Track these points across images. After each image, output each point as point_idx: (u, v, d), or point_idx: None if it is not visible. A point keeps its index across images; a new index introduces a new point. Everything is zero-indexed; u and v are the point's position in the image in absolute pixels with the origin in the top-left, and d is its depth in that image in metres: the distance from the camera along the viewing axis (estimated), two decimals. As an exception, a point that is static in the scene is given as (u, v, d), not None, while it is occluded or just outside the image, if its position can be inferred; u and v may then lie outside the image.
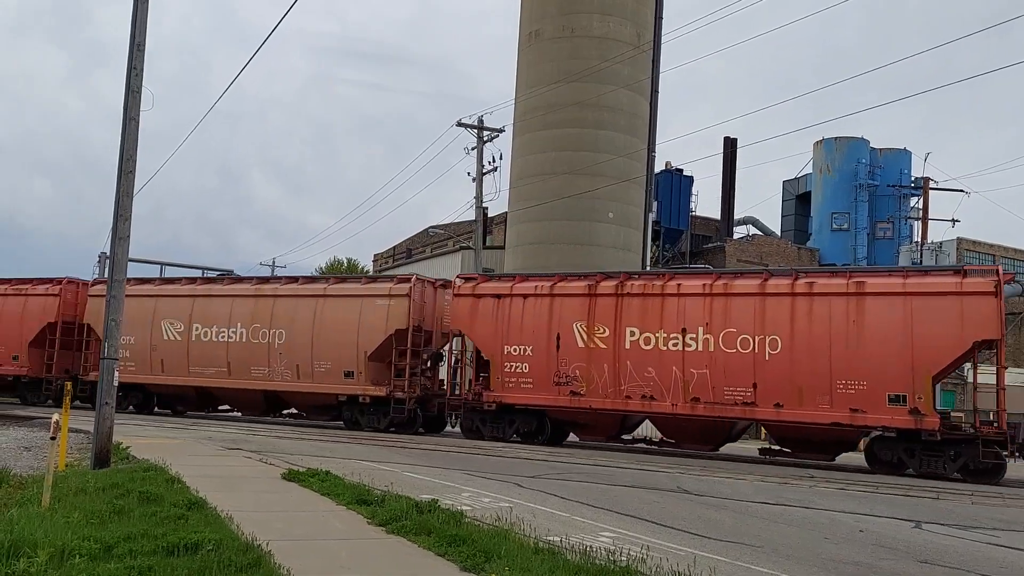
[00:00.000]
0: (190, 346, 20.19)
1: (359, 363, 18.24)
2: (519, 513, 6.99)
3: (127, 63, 10.21)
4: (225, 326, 19.83)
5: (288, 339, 19.04)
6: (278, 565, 4.80)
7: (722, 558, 5.90)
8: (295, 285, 20.04)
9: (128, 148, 10.11)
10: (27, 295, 22.91)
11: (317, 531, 6.32)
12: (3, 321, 23.12)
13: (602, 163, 30.41)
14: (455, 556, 5.37)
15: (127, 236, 10.11)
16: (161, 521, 5.95)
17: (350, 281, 20.31)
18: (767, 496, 9.75)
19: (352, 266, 57.59)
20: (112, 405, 9.78)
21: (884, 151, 47.73)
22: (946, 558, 6.58)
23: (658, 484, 10.38)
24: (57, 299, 22.51)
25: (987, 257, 44.11)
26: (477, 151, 28.58)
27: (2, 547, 4.87)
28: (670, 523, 7.38)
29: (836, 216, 46.08)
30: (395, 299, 18.17)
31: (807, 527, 7.71)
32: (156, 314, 20.79)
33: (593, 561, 5.18)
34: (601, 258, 29.03)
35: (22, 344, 22.55)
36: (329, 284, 19.74)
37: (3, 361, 22.98)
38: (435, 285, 19.10)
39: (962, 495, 11.17)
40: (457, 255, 36.92)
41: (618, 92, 31.07)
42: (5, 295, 23.42)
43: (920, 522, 8.34)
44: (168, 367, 20.51)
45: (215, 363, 19.87)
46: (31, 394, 22.90)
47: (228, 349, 19.72)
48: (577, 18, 31.71)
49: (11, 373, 22.83)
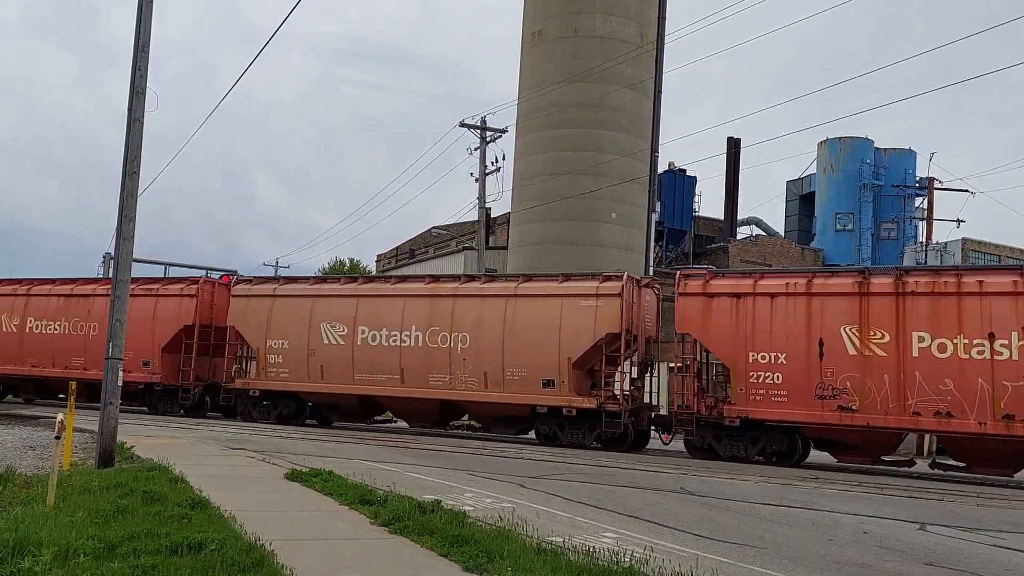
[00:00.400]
0: (355, 351, 18.13)
1: (561, 371, 16.15)
2: (522, 514, 6.98)
3: (132, 64, 10.25)
4: (396, 329, 17.81)
5: (473, 344, 17.03)
6: (281, 565, 4.81)
7: (725, 559, 5.88)
8: (477, 284, 18.13)
9: (133, 149, 10.14)
10: (158, 295, 20.96)
11: (320, 531, 6.33)
12: (132, 324, 21.69)
13: (605, 163, 30.39)
14: (458, 556, 5.37)
15: (132, 236, 10.15)
16: (165, 520, 5.96)
17: (542, 279, 18.10)
18: (771, 497, 9.73)
19: (355, 266, 57.65)
20: (116, 405, 9.81)
21: (888, 151, 47.60)
22: (951, 560, 6.55)
23: (661, 485, 10.37)
24: (194, 300, 20.48)
25: (992, 258, 43.95)
26: (480, 151, 28.60)
27: (7, 546, 4.89)
28: (673, 524, 7.37)
29: (840, 216, 45.98)
30: (604, 299, 16.19)
31: (811, 528, 7.69)
32: (313, 316, 18.71)
33: (596, 562, 5.17)
34: (604, 259, 29.00)
35: (154, 349, 20.48)
36: (520, 283, 17.51)
37: (132, 367, 20.33)
38: (640, 284, 17.08)
39: (967, 496, 11.12)
40: (460, 256, 36.94)
41: (621, 92, 31.05)
42: (134, 295, 21.84)
43: (925, 524, 8.30)
44: (329, 374, 18.39)
45: (385, 370, 17.86)
46: (163, 403, 20.82)
47: (401, 355, 17.72)
48: (580, 18, 31.70)
49: (142, 380, 20.60)
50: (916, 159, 47.00)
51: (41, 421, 17.31)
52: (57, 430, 7.24)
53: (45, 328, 22.53)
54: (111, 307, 10.02)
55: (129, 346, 20.78)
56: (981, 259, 43.01)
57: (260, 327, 19.41)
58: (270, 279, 21.94)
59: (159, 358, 20.59)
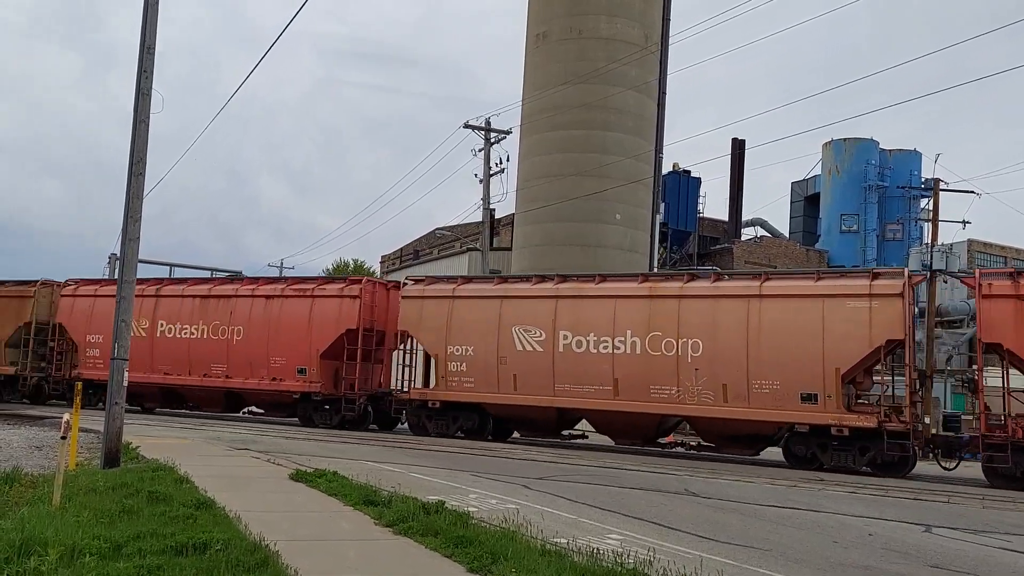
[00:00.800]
0: (556, 359, 16.09)
1: (827, 383, 13.88)
2: (526, 515, 6.98)
3: (137, 66, 10.30)
4: (607, 335, 15.68)
5: (707, 352, 14.81)
6: (285, 565, 4.82)
7: (730, 561, 5.87)
8: (706, 283, 15.58)
9: (138, 150, 10.19)
10: (314, 296, 18.98)
11: (324, 531, 6.34)
12: (284, 327, 18.95)
13: (609, 165, 30.38)
14: (462, 557, 5.37)
15: (137, 237, 10.19)
16: (170, 520, 5.98)
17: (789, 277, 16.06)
18: (775, 499, 9.69)
19: (359, 267, 57.75)
20: (122, 405, 9.84)
21: (894, 152, 47.41)
22: (957, 562, 6.51)
23: (665, 486, 10.34)
24: (357, 302, 18.41)
25: (998, 259, 43.74)
26: (484, 153, 28.62)
27: (13, 545, 4.91)
28: (677, 525, 7.35)
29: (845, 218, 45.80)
30: (880, 300, 13.77)
31: (816, 530, 7.66)
32: (503, 319, 16.73)
33: (600, 563, 5.17)
34: (608, 260, 29.00)
35: (311, 355, 18.50)
36: (763, 281, 15.12)
37: (284, 375, 18.83)
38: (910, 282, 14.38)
39: (973, 499, 11.06)
40: (464, 257, 36.95)
41: (625, 94, 31.03)
42: (284, 296, 19.37)
43: (931, 526, 8.26)
44: (523, 384, 16.38)
45: (593, 380, 15.79)
46: (321, 415, 18.70)
47: (615, 363, 15.59)
48: (584, 19, 31.70)
49: (297, 390, 18.68)
50: (921, 160, 46.81)
51: (47, 421, 17.37)
52: (63, 430, 7.27)
53: (180, 332, 20.47)
54: (116, 308, 10.05)
55: (282, 352, 19.02)
56: (987, 261, 42.80)
57: (439, 332, 17.35)
58: (447, 279, 19.25)
59: (317, 365, 18.46)
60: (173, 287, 21.75)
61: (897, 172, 46.36)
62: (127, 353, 9.98)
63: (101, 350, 20.97)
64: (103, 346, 20.63)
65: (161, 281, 22.63)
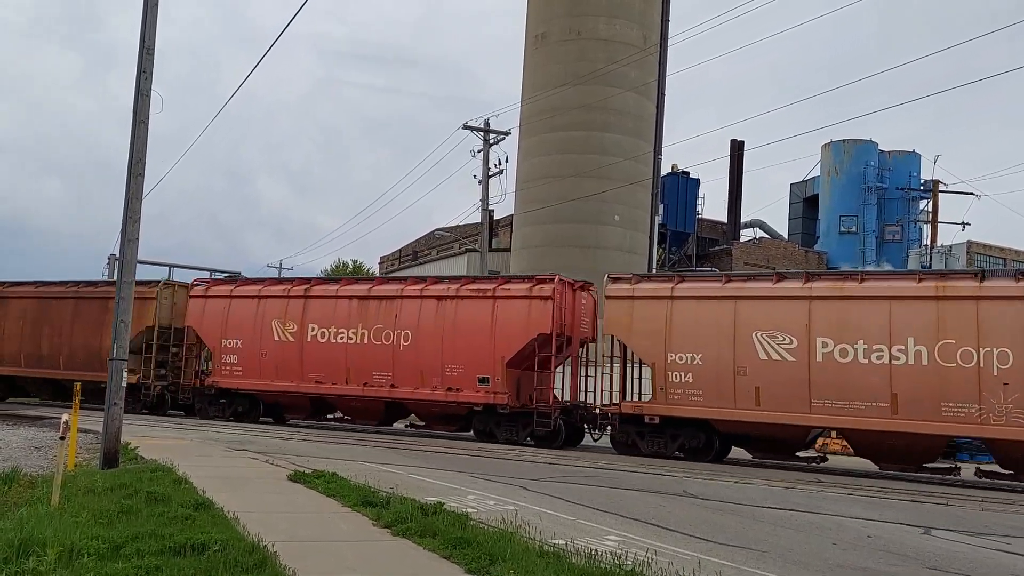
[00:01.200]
0: (812, 370, 13.85)
1: None
2: (524, 516, 6.98)
3: (137, 67, 10.30)
4: (882, 342, 13.45)
5: (1017, 364, 12.69)
6: (284, 566, 4.82)
7: (728, 562, 5.87)
8: (1009, 283, 13.29)
9: (137, 150, 10.19)
10: (497, 297, 16.88)
11: (322, 532, 6.34)
12: (462, 332, 16.92)
13: (608, 166, 30.41)
14: (460, 558, 5.38)
15: (136, 238, 10.19)
16: (168, 521, 5.98)
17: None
18: (774, 501, 9.70)
19: (358, 268, 57.75)
20: (120, 406, 9.84)
21: (893, 153, 47.45)
22: (956, 565, 6.52)
23: (664, 488, 10.35)
24: (549, 303, 16.23)
25: (998, 260, 43.79)
26: (483, 154, 28.64)
27: (12, 546, 4.91)
28: (676, 527, 7.36)
29: (844, 219, 45.82)
30: None
31: (814, 532, 7.67)
32: (739, 323, 14.58)
33: (598, 564, 5.17)
34: (607, 261, 29.00)
35: (494, 364, 16.43)
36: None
37: (462, 384, 16.75)
38: None
39: (972, 501, 11.07)
40: (463, 258, 36.98)
41: (625, 95, 31.08)
42: (460, 297, 17.28)
43: (929, 528, 8.27)
44: (767, 398, 14.20)
45: (865, 395, 13.53)
46: (503, 429, 16.69)
47: (893, 375, 13.35)
48: (584, 20, 31.74)
49: (478, 401, 16.67)
50: (921, 162, 46.85)
51: (46, 422, 17.36)
52: (62, 431, 7.27)
53: (335, 337, 18.17)
54: (116, 308, 10.05)
55: (459, 359, 16.77)
56: (986, 262, 42.85)
57: (655, 337, 15.23)
58: (661, 276, 17.51)
59: (502, 374, 16.37)
60: (325, 287, 19.33)
61: (896, 173, 46.40)
62: (126, 354, 9.98)
63: (240, 356, 19.00)
64: (242, 352, 18.95)
65: (309, 281, 19.91)
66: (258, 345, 19.06)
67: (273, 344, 18.91)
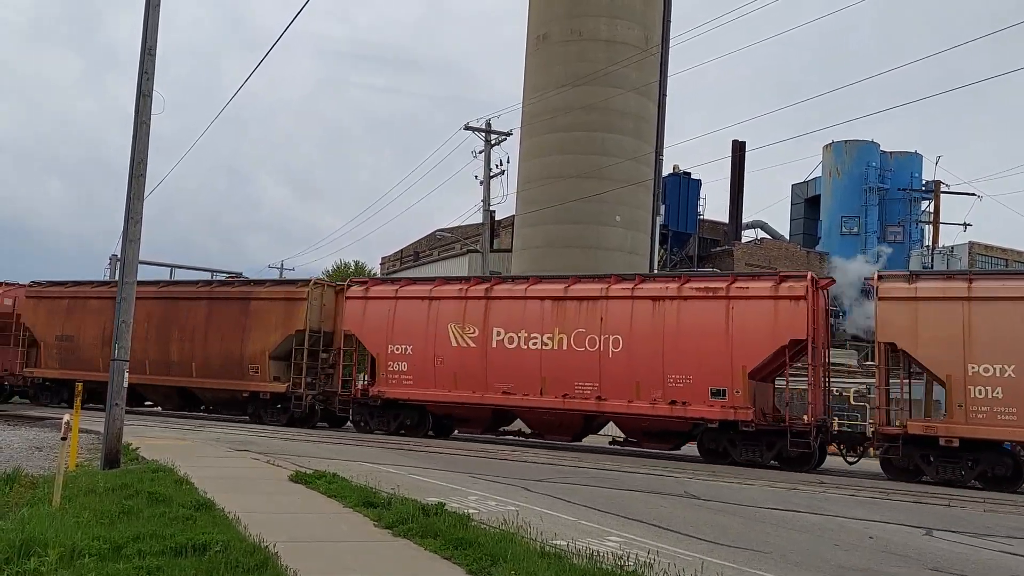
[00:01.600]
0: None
1: None
2: (525, 517, 6.97)
3: (139, 68, 10.31)
4: None
5: None
6: (285, 567, 4.82)
7: (730, 564, 5.86)
8: None
9: (139, 152, 10.20)
10: (731, 297, 14.72)
11: (324, 533, 6.34)
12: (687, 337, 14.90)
13: (610, 166, 30.41)
14: (461, 559, 5.37)
15: (138, 238, 10.19)
16: (169, 522, 5.98)
17: None
18: (776, 502, 9.69)
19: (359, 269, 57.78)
20: (122, 406, 9.84)
21: (894, 154, 47.43)
22: (957, 566, 6.51)
23: (665, 489, 10.34)
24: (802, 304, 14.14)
25: (999, 261, 43.74)
26: (484, 154, 28.65)
27: (13, 546, 4.92)
28: (677, 528, 7.35)
29: (846, 220, 45.79)
30: None
31: (816, 533, 7.66)
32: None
33: (600, 566, 5.16)
34: (608, 262, 29.00)
35: (733, 374, 14.34)
36: None
37: (689, 398, 14.60)
38: None
39: (974, 502, 11.04)
40: (464, 258, 36.98)
41: (626, 95, 31.09)
42: (682, 297, 15.17)
43: (931, 529, 8.26)
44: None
45: None
46: (743, 448, 14.61)
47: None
48: (585, 21, 31.76)
49: (713, 417, 14.55)
50: (922, 162, 46.83)
51: (47, 422, 17.35)
52: (63, 431, 7.28)
53: (526, 342, 16.24)
54: (117, 309, 10.05)
55: (685, 368, 14.54)
56: (988, 263, 42.78)
57: (949, 345, 13.15)
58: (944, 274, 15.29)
59: (742, 386, 14.28)
60: (510, 286, 17.24)
61: (898, 174, 46.36)
62: (127, 355, 9.98)
63: (410, 364, 17.21)
64: (413, 359, 17.18)
65: (487, 279, 17.89)
66: (432, 351, 17.11)
67: (450, 350, 16.94)
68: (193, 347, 20.47)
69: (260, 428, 18.18)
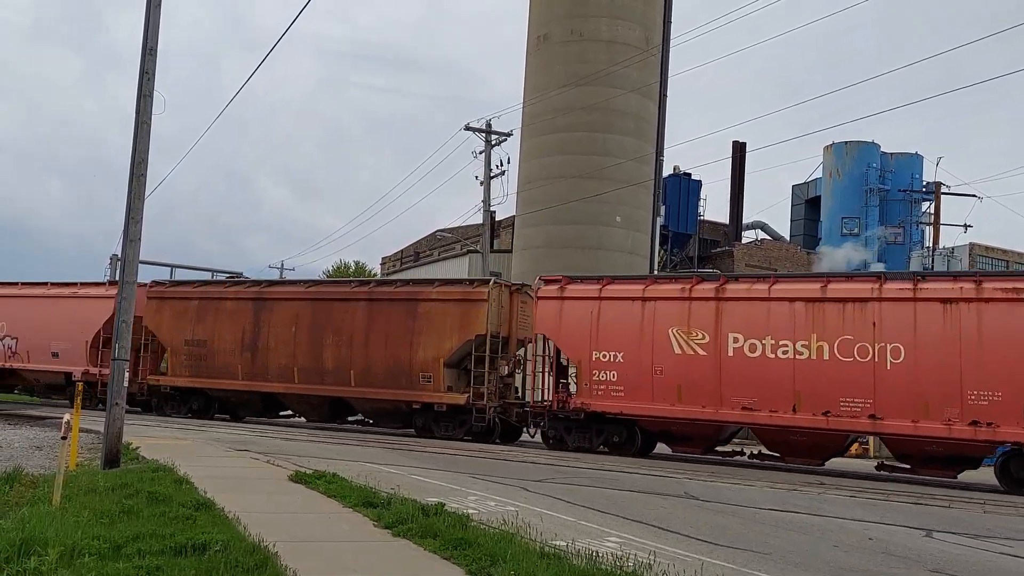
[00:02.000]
0: None
1: None
2: (525, 517, 6.98)
3: (139, 68, 10.32)
4: None
5: None
6: (284, 566, 4.83)
7: (729, 564, 5.87)
8: None
9: (140, 152, 10.21)
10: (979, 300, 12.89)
11: (323, 533, 6.35)
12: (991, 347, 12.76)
13: (610, 167, 30.41)
14: (461, 559, 5.37)
15: (139, 238, 10.20)
16: (169, 521, 5.99)
17: None
18: (775, 503, 9.69)
19: (360, 269, 57.80)
20: (122, 406, 9.86)
21: (895, 155, 47.41)
22: (957, 567, 6.51)
23: (665, 489, 10.34)
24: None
25: (1000, 262, 43.72)
26: (485, 155, 28.68)
27: (13, 545, 4.92)
28: (677, 529, 7.35)
29: (846, 220, 45.78)
30: None
31: (816, 534, 7.66)
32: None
33: (599, 566, 5.16)
34: (608, 262, 29.01)
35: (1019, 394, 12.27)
36: None
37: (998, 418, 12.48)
38: None
39: (974, 503, 11.04)
40: (464, 259, 37.00)
41: (626, 96, 31.09)
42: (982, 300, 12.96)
43: (931, 530, 8.26)
44: None
45: None
46: None
47: None
48: (585, 21, 31.76)
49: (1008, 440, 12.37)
50: (923, 163, 46.82)
51: (48, 422, 17.37)
52: (63, 430, 7.29)
53: (774, 351, 14.02)
54: (117, 309, 10.06)
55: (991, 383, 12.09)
56: (989, 264, 42.78)
57: None
58: None
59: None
60: (746, 286, 15.11)
61: (898, 175, 46.35)
62: (127, 354, 10.00)
63: (620, 373, 15.10)
64: (624, 368, 15.03)
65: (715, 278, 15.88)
66: (648, 359, 15.06)
67: (672, 359, 14.89)
68: (351, 353, 18.27)
69: (261, 428, 18.19)
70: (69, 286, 22.96)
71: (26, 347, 22.79)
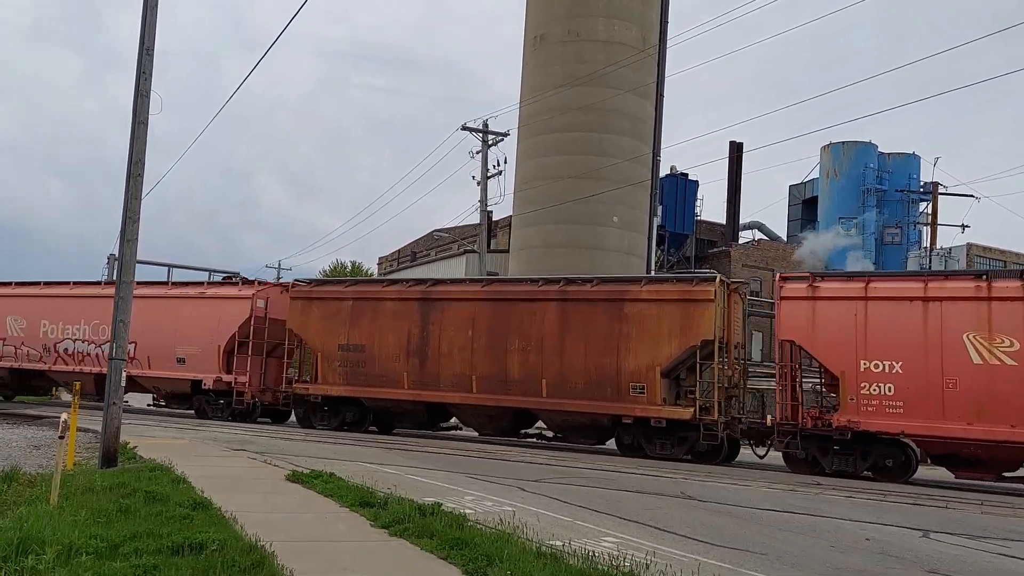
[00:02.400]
0: None
1: None
2: (522, 517, 6.98)
3: (136, 67, 10.31)
4: None
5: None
6: (281, 566, 4.83)
7: (726, 565, 5.88)
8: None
9: (137, 151, 10.19)
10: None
11: (320, 533, 6.35)
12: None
13: (607, 167, 30.43)
14: (457, 559, 5.38)
15: (136, 238, 10.19)
16: (166, 521, 5.99)
17: None
18: (773, 503, 9.70)
19: (356, 269, 57.74)
20: (119, 405, 9.84)
21: (892, 155, 47.51)
22: (954, 568, 6.53)
23: (662, 489, 10.35)
24: None
25: (997, 263, 43.83)
26: (482, 155, 28.67)
27: (11, 544, 4.92)
28: (674, 529, 7.36)
29: (843, 221, 45.88)
30: None
31: (813, 535, 7.67)
32: None
33: (596, 566, 5.17)
34: (606, 262, 29.03)
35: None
36: None
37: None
38: None
39: (972, 504, 11.07)
40: (461, 259, 37.00)
41: (623, 96, 31.11)
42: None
43: (928, 531, 8.28)
44: None
45: None
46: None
47: None
48: (583, 21, 31.78)
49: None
50: (920, 164, 46.94)
51: (45, 421, 17.34)
52: (61, 430, 7.28)
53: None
54: (115, 308, 10.04)
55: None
56: (985, 265, 42.90)
57: None
58: None
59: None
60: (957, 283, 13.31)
61: (896, 175, 46.45)
62: (124, 353, 9.98)
63: (898, 386, 13.10)
64: (903, 380, 13.04)
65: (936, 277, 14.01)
66: (937, 370, 12.98)
67: (970, 370, 12.79)
68: (542, 360, 16.07)
69: (259, 428, 18.11)
70: (195, 286, 21.40)
71: (146, 353, 20.10)
